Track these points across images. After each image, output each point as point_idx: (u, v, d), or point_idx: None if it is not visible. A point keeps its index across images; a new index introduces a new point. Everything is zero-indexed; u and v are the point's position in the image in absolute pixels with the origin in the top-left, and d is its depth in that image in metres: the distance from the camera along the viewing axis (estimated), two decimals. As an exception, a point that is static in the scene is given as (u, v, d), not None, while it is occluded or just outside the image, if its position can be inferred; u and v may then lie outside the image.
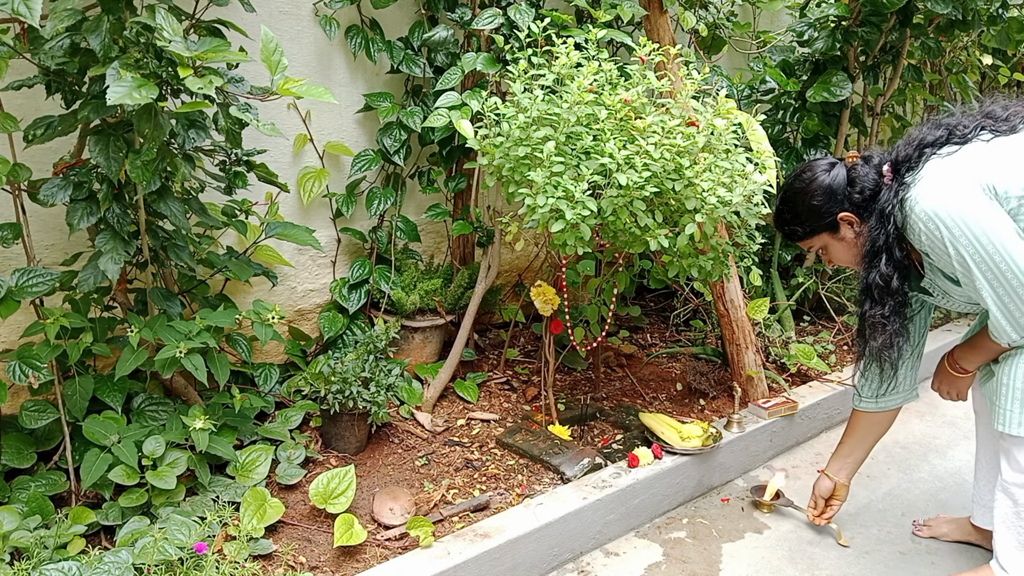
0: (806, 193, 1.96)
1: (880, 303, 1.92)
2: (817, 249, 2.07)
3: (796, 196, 1.99)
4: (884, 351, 1.97)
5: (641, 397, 2.96)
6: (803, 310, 3.68)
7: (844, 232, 1.97)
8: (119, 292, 2.20)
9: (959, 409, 3.16)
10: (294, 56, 2.63)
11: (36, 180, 1.99)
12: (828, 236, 2.00)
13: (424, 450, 2.53)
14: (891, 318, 1.92)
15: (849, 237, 1.98)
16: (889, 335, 1.94)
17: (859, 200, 1.92)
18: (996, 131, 1.84)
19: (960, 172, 1.77)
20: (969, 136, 1.84)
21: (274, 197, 2.61)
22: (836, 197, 1.94)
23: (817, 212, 1.96)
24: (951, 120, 1.90)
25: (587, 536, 2.22)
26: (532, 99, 2.11)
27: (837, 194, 1.94)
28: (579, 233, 2.00)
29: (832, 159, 2.01)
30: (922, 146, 1.86)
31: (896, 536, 2.35)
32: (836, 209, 1.94)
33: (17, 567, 1.73)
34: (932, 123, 1.92)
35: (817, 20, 3.36)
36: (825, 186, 1.94)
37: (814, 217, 1.97)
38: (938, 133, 1.87)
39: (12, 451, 2.07)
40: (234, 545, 1.95)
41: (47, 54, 1.84)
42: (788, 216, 2.02)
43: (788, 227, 2.04)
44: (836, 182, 1.94)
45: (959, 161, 1.80)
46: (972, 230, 1.71)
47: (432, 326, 2.89)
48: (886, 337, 1.94)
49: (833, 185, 1.94)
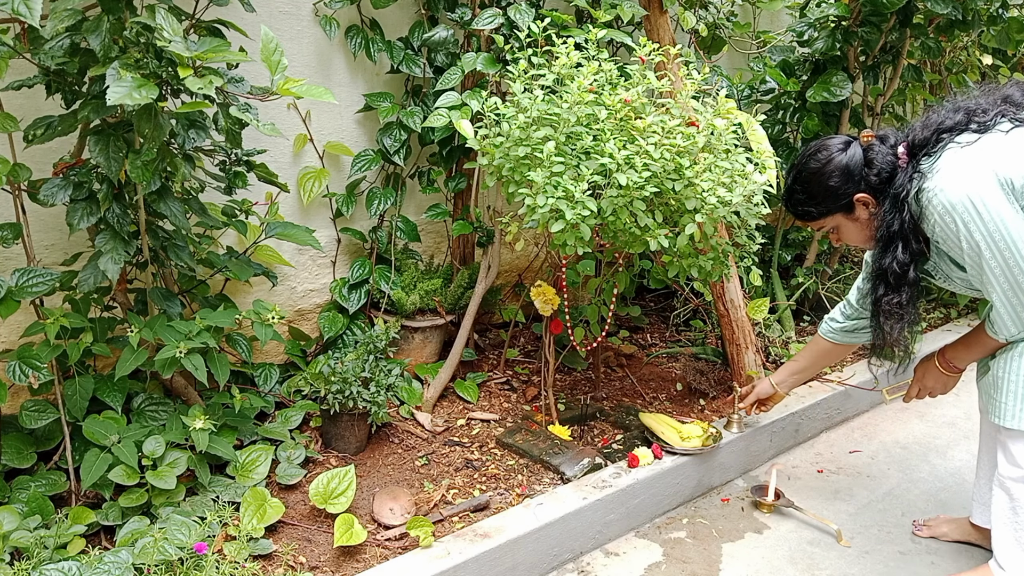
0: (822, 173, 1.92)
1: (896, 291, 1.90)
2: (827, 229, 2.04)
3: (812, 176, 1.94)
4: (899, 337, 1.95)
5: (641, 397, 2.96)
6: (803, 310, 3.68)
7: (859, 213, 1.94)
8: (119, 292, 2.20)
9: (959, 409, 3.17)
10: (294, 56, 2.63)
11: (36, 180, 1.99)
12: (842, 217, 1.97)
13: (424, 450, 2.53)
14: (907, 307, 1.90)
15: (863, 218, 1.94)
16: (905, 323, 1.93)
17: (875, 182, 1.88)
18: (1015, 119, 1.82)
19: (978, 166, 1.75)
20: (988, 124, 1.82)
21: (274, 197, 2.61)
22: (853, 178, 1.90)
23: (833, 193, 1.92)
24: (970, 103, 1.87)
25: (587, 536, 2.22)
26: (532, 99, 2.11)
27: (854, 175, 1.90)
28: (579, 233, 2.00)
29: (846, 137, 1.97)
30: (940, 131, 1.84)
31: (896, 536, 2.35)
32: (852, 190, 1.91)
33: (17, 567, 1.73)
34: (951, 106, 1.89)
35: (817, 20, 3.35)
36: (843, 166, 1.90)
37: (830, 198, 1.93)
38: (957, 118, 1.84)
39: (12, 451, 2.07)
40: (234, 545, 1.95)
41: (47, 54, 1.84)
42: (802, 197, 1.97)
43: (801, 208, 1.99)
44: (853, 162, 1.90)
45: (977, 153, 1.78)
46: (987, 225, 1.70)
47: (432, 326, 2.89)
48: (901, 325, 1.93)
49: (850, 165, 1.90)
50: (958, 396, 3.29)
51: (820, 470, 2.71)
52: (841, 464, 2.75)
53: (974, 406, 3.17)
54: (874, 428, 3.01)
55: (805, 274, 3.54)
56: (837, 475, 2.68)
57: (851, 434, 2.96)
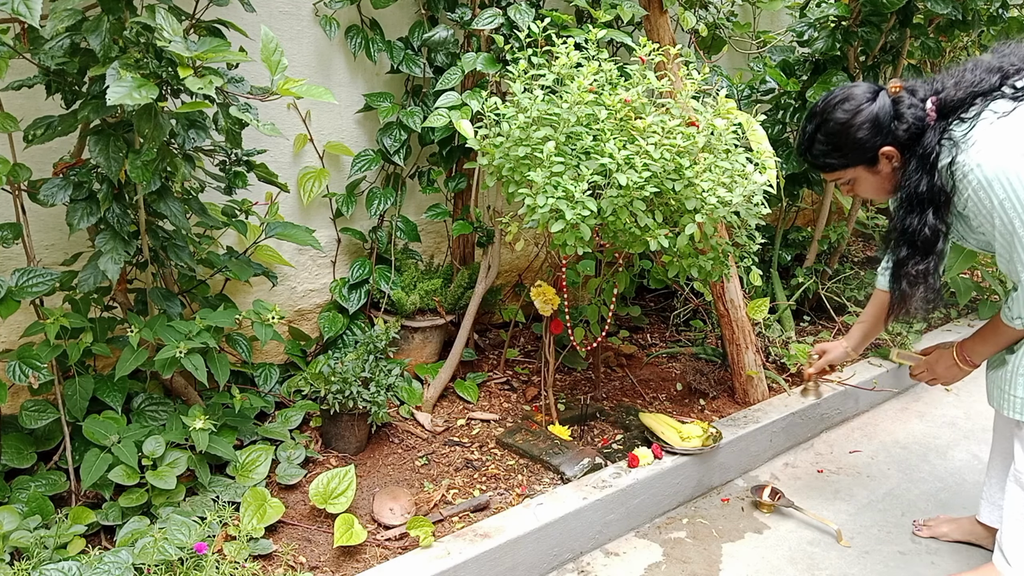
0: (850, 125, 1.84)
1: (924, 257, 1.84)
2: (844, 181, 1.96)
3: (838, 127, 1.86)
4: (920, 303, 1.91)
5: (641, 397, 2.96)
6: (803, 310, 3.68)
7: (881, 167, 1.87)
8: (119, 292, 2.20)
9: (959, 409, 3.17)
10: (294, 56, 2.63)
11: (36, 180, 1.99)
12: (863, 170, 1.90)
13: (424, 450, 2.53)
14: (934, 275, 1.86)
15: (885, 172, 1.88)
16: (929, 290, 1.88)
17: (903, 137, 1.82)
18: None
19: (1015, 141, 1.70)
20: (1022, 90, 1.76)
21: (274, 197, 2.61)
22: (881, 130, 1.82)
23: (860, 146, 1.85)
24: (1004, 62, 1.81)
25: (587, 536, 2.22)
26: (532, 99, 2.11)
27: (883, 127, 1.82)
28: (579, 233, 2.00)
29: (872, 85, 1.90)
30: (974, 95, 1.78)
31: (896, 536, 2.35)
32: (879, 143, 1.83)
33: (17, 567, 1.73)
34: (985, 65, 1.83)
35: (817, 20, 3.35)
36: (872, 117, 1.82)
37: (855, 150, 1.86)
38: (992, 80, 1.78)
39: (12, 451, 2.07)
40: (234, 545, 1.95)
41: (47, 54, 1.84)
42: (824, 148, 1.89)
43: (822, 159, 1.91)
44: (883, 113, 1.82)
45: (1014, 127, 1.73)
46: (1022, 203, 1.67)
47: (432, 326, 2.89)
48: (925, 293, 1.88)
49: (880, 116, 1.82)
50: (958, 396, 3.29)
51: (820, 470, 2.71)
52: (841, 464, 2.75)
53: (974, 406, 3.18)
54: (874, 428, 3.01)
55: (805, 274, 3.54)
56: (837, 475, 2.68)
57: (851, 434, 2.96)
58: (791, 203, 3.66)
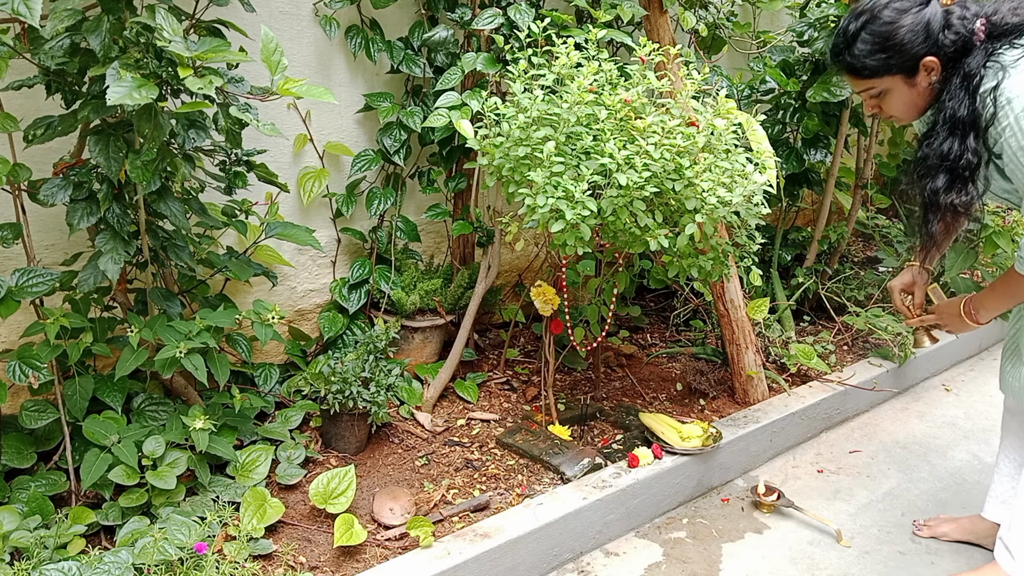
0: (901, 25, 1.72)
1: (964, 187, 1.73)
2: (874, 93, 1.84)
3: (888, 25, 1.73)
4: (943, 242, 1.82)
5: (641, 397, 2.96)
6: (803, 310, 3.68)
7: (919, 79, 1.76)
8: (119, 292, 2.20)
9: (959, 409, 3.17)
10: (294, 56, 2.63)
11: (36, 180, 1.99)
12: (901, 80, 1.78)
13: (424, 450, 2.53)
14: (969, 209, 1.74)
15: (922, 86, 1.77)
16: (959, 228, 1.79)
17: (950, 49, 1.71)
18: None
19: None
20: None
21: (274, 197, 2.61)
22: (930, 37, 1.71)
23: (903, 48, 1.73)
24: None
25: (587, 536, 2.22)
26: (532, 99, 2.11)
27: (932, 34, 1.71)
28: (579, 233, 2.00)
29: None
30: None
31: (896, 536, 2.35)
32: (924, 51, 1.72)
33: (17, 567, 1.73)
34: None
35: (817, 20, 3.35)
36: (925, 20, 1.71)
37: (899, 53, 1.73)
38: None
39: (12, 451, 2.07)
40: (234, 545, 1.95)
41: (47, 54, 1.84)
42: (867, 48, 1.76)
43: (861, 60, 1.78)
44: (936, 19, 1.71)
45: None
46: None
47: (432, 326, 2.89)
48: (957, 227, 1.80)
49: (932, 21, 1.71)
50: (958, 396, 3.29)
51: (820, 470, 2.71)
52: (841, 464, 2.75)
53: (974, 406, 3.19)
54: (874, 428, 3.01)
55: (805, 274, 3.54)
56: (837, 475, 2.68)
57: (851, 434, 2.96)
58: (791, 203, 3.66)
